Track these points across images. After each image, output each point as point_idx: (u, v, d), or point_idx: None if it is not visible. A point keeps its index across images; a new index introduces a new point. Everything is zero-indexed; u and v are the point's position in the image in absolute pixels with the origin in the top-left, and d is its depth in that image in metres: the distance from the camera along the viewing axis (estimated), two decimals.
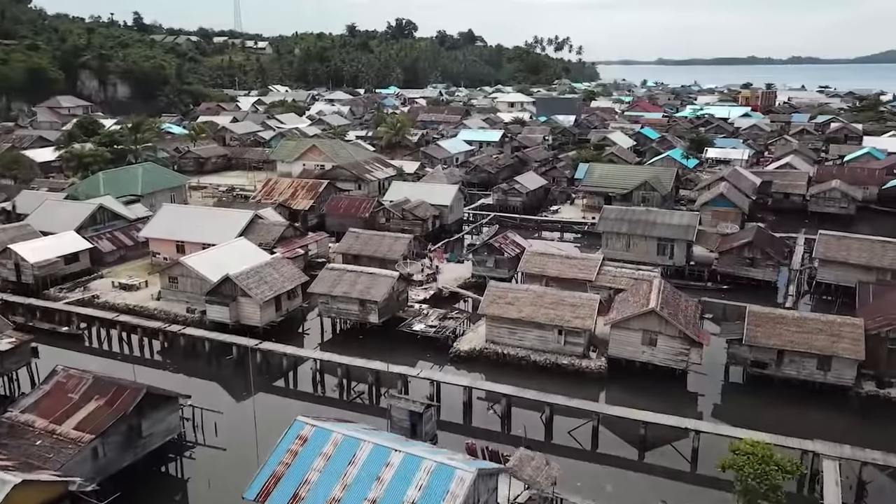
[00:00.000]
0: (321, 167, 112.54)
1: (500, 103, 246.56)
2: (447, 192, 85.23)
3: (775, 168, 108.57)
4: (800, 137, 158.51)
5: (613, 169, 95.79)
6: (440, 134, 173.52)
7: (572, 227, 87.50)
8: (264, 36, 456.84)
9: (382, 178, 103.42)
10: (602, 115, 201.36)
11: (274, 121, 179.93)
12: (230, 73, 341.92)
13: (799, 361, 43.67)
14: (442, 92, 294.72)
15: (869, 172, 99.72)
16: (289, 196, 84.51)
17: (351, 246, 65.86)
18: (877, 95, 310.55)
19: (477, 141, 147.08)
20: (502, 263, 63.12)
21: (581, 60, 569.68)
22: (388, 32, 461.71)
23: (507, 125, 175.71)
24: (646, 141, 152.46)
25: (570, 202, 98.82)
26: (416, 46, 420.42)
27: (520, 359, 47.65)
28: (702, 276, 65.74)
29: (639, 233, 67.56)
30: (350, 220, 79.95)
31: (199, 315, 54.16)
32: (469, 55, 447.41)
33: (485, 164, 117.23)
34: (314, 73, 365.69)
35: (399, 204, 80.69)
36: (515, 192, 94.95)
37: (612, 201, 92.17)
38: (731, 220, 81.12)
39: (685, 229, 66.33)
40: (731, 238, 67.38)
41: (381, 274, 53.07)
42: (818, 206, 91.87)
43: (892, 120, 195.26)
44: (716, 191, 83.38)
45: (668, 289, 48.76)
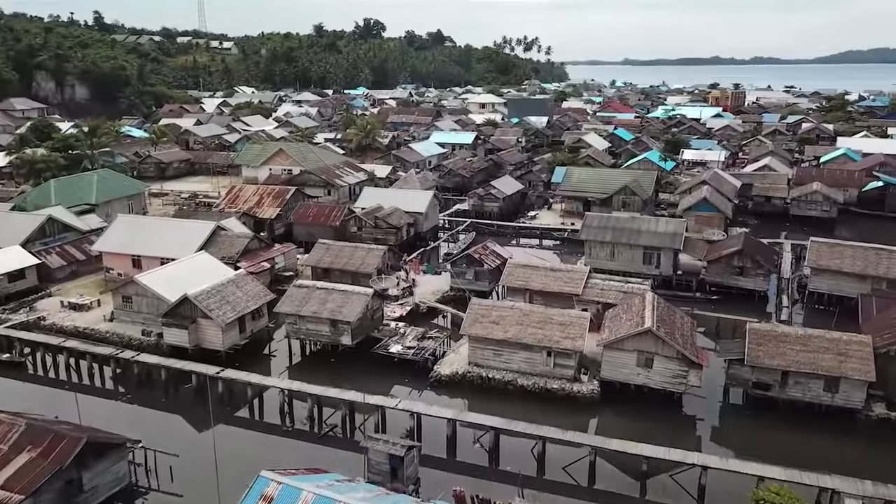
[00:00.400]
0: (288, 172, 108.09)
1: (472, 104, 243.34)
2: (422, 199, 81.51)
3: (753, 170, 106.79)
4: (772, 138, 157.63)
5: (592, 173, 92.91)
6: (411, 136, 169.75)
7: (551, 233, 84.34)
8: (230, 36, 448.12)
9: (353, 184, 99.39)
10: (574, 116, 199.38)
11: (239, 123, 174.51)
12: (194, 74, 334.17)
13: (805, 383, 40.82)
14: (412, 93, 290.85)
15: (848, 174, 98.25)
16: (254, 204, 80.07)
17: (321, 259, 61.79)
18: (842, 95, 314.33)
19: (449, 143, 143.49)
20: (482, 276, 59.60)
21: (550, 61, 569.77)
22: (356, 32, 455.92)
23: (480, 127, 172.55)
24: (620, 142, 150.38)
25: (548, 207, 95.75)
26: (384, 47, 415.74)
27: (506, 383, 44.14)
28: (690, 285, 62.92)
29: (623, 241, 64.55)
30: (319, 228, 75.86)
31: (156, 338, 49.77)
32: (438, 55, 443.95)
33: (459, 167, 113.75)
34: (281, 73, 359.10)
35: (371, 211, 76.79)
36: (492, 197, 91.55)
37: (591, 206, 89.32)
38: (715, 226, 78.75)
39: (672, 237, 63.47)
40: (719, 246, 64.70)
41: (354, 291, 49.16)
42: (799, 210, 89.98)
43: (860, 120, 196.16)
44: (698, 195, 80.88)
45: (662, 304, 45.64)
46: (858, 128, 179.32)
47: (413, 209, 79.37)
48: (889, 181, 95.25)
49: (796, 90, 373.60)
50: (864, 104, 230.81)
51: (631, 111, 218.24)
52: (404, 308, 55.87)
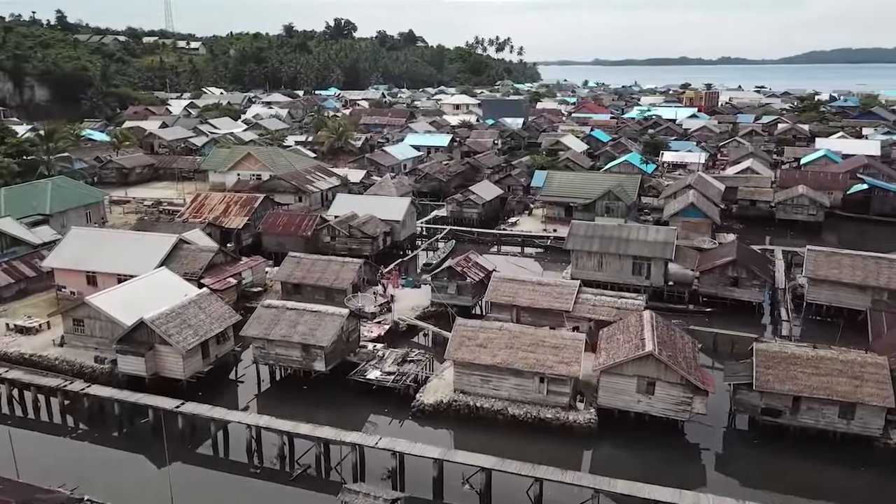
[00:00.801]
0: (257, 177, 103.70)
1: (445, 105, 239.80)
2: (398, 206, 77.70)
3: (736, 173, 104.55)
4: (749, 139, 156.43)
5: (574, 177, 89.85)
6: (385, 138, 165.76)
7: (534, 241, 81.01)
8: (197, 36, 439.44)
9: (325, 190, 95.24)
10: (550, 118, 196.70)
11: (207, 126, 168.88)
12: (161, 75, 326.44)
13: (818, 409, 37.84)
14: (385, 94, 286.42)
15: (832, 177, 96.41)
16: (220, 213, 75.60)
17: (291, 273, 57.70)
18: (812, 95, 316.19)
19: (425, 146, 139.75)
20: (465, 290, 56.01)
21: (522, 61, 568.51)
22: (327, 33, 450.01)
23: (455, 129, 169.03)
24: (597, 144, 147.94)
25: (529, 212, 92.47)
26: (355, 47, 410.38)
27: (495, 412, 40.54)
28: (682, 297, 59.95)
29: (612, 251, 61.38)
30: (290, 239, 71.75)
31: (110, 366, 45.40)
32: (410, 56, 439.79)
33: (435, 171, 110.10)
34: (250, 74, 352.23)
35: (345, 220, 72.81)
36: (471, 203, 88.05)
37: (573, 212, 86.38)
38: (703, 232, 76.06)
39: (662, 246, 60.42)
40: (712, 255, 61.83)
41: (328, 312, 45.21)
42: (785, 214, 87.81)
43: (833, 120, 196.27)
44: (685, 200, 78.15)
45: (661, 323, 42.43)
46: (833, 128, 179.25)
47: (389, 217, 75.54)
48: (874, 184, 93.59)
49: (767, 90, 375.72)
50: (836, 104, 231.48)
51: (606, 112, 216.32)
52: (382, 327, 52.07)
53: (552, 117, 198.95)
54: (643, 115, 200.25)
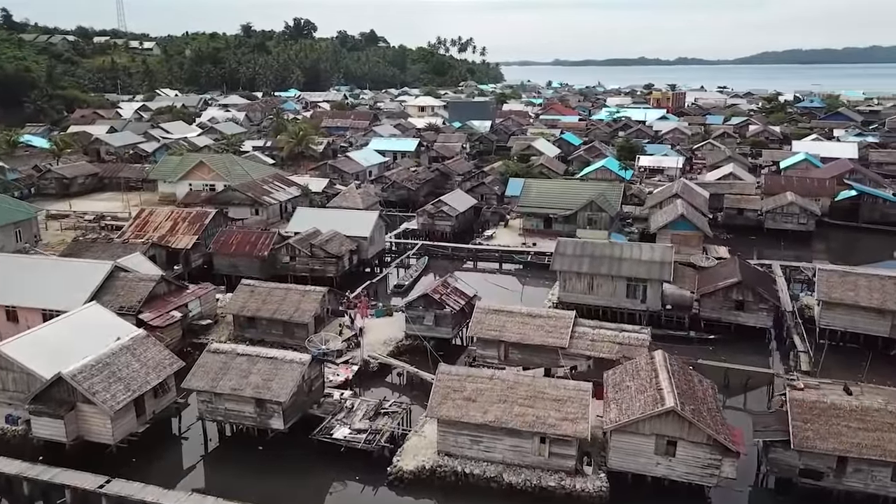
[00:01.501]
0: (211, 188, 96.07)
1: (410, 107, 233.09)
2: (365, 220, 70.87)
3: (718, 179, 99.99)
4: (721, 141, 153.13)
5: (552, 186, 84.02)
6: (348, 142, 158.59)
7: (512, 256, 74.88)
8: (151, 36, 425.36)
9: (285, 201, 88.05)
10: (517, 120, 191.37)
11: (159, 130, 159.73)
12: (113, 76, 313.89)
13: (867, 471, 32.32)
14: (347, 95, 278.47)
15: (819, 183, 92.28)
16: (167, 231, 67.95)
17: (245, 305, 50.60)
18: (776, 95, 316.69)
19: (390, 151, 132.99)
20: (444, 320, 49.62)
21: (485, 61, 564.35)
22: (287, 33, 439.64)
23: (421, 132, 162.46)
24: (569, 147, 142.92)
25: (505, 224, 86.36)
26: (316, 47, 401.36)
27: (488, 479, 34.19)
28: (682, 322, 54.43)
29: (604, 272, 55.54)
30: (244, 260, 64.55)
31: (23, 427, 37.97)
32: (372, 56, 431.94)
33: (403, 179, 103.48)
34: (207, 75, 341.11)
35: (306, 238, 65.81)
36: (443, 215, 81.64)
37: (552, 223, 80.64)
38: (694, 246, 70.86)
39: (659, 267, 54.77)
40: (712, 275, 56.36)
41: (286, 360, 38.33)
42: (775, 223, 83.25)
43: (801, 121, 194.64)
44: (673, 211, 72.82)
45: (674, 365, 36.58)
46: (802, 129, 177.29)
47: (356, 233, 68.73)
48: (863, 190, 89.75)
49: (729, 90, 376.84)
50: (803, 105, 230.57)
51: (574, 113, 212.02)
52: (350, 368, 45.36)
53: (520, 119, 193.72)
54: (612, 117, 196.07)
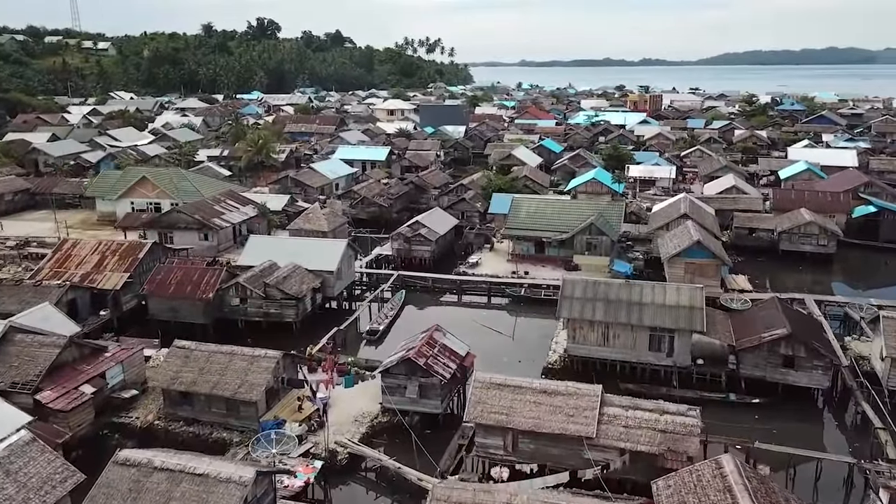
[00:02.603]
0: (156, 207, 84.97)
1: (379, 111, 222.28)
2: (332, 250, 60.27)
3: (719, 192, 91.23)
4: (708, 146, 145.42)
5: (544, 205, 74.25)
6: (313, 149, 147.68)
7: (503, 288, 64.89)
8: (108, 36, 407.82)
9: (239, 223, 77.17)
10: (492, 124, 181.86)
11: (106, 137, 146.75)
12: (65, 78, 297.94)
13: None
14: (312, 98, 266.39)
15: (833, 197, 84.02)
16: (93, 267, 56.70)
17: (177, 375, 39.73)
18: (750, 97, 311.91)
19: (359, 160, 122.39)
20: (431, 391, 39.48)
21: (454, 62, 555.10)
22: (249, 33, 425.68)
23: (392, 138, 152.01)
24: (549, 155, 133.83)
25: (490, 247, 76.38)
26: (280, 48, 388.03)
27: None
28: (717, 381, 45.04)
29: (622, 320, 45.89)
30: (186, 303, 53.72)
31: None
32: (338, 57, 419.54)
33: (374, 194, 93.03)
34: (165, 77, 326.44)
35: (260, 274, 55.15)
36: (421, 239, 71.45)
37: (545, 247, 70.98)
38: (710, 276, 61.68)
39: (688, 314, 45.29)
40: (750, 321, 47.01)
41: (221, 478, 27.70)
42: (791, 244, 74.60)
43: (785, 125, 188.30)
44: (686, 235, 63.50)
45: (754, 479, 26.94)
46: (787, 133, 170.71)
47: (320, 266, 58.21)
48: (883, 206, 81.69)
49: (702, 92, 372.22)
50: (783, 108, 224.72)
51: (550, 117, 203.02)
52: (311, 466, 34.84)
53: (495, 124, 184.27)
54: (590, 121, 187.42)
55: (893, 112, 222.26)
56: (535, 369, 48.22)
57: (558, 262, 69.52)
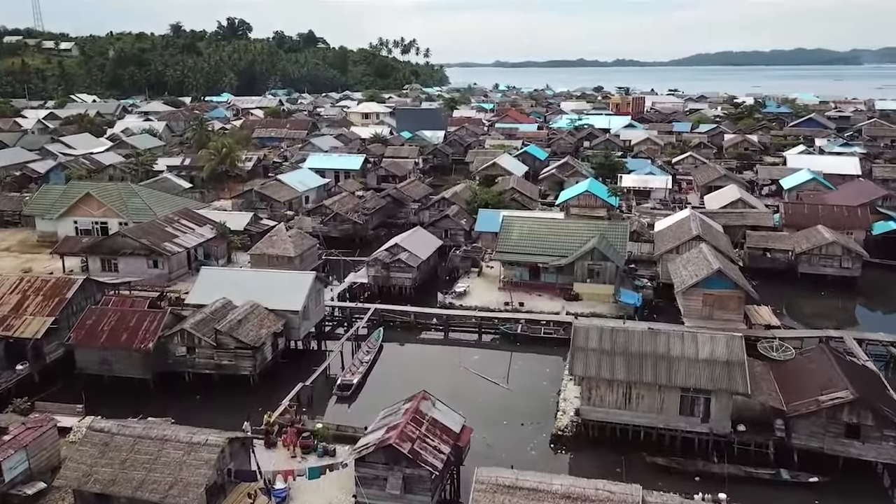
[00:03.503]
0: (102, 227, 76.00)
1: (353, 114, 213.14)
2: (297, 285, 51.51)
3: (724, 206, 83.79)
4: (698, 152, 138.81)
5: (538, 225, 66.10)
6: (283, 156, 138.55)
7: (495, 324, 56.63)
8: (72, 36, 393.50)
9: (195, 246, 68.21)
10: (472, 129, 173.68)
11: (59, 144, 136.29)
12: (24, 80, 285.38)
13: None
14: (283, 101, 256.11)
15: (850, 212, 77.05)
16: (10, 310, 47.53)
17: (93, 470, 30.75)
18: (731, 98, 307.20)
19: (331, 169, 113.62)
20: (418, 485, 31.10)
21: (429, 63, 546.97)
22: (220, 33, 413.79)
23: (367, 145, 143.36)
24: (535, 162, 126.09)
25: (479, 272, 68.17)
26: (251, 48, 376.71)
27: None
28: (763, 452, 37.23)
29: (647, 379, 37.94)
30: (121, 354, 44.86)
31: None
32: (311, 58, 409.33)
33: (347, 209, 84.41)
34: (130, 78, 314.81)
35: (211, 318, 46.42)
36: (401, 265, 63.01)
37: (541, 273, 62.98)
38: (732, 309, 54.23)
39: (726, 370, 37.44)
40: (797, 374, 39.25)
41: None
42: (811, 267, 67.36)
43: (773, 128, 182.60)
44: (703, 263, 55.76)
45: None
46: (777, 137, 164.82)
47: (284, 305, 49.60)
48: None
49: (681, 93, 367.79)
50: (771, 110, 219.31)
51: (532, 121, 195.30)
52: None
53: (474, 128, 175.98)
54: (573, 125, 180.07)
55: (878, 114, 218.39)
56: (541, 435, 40.22)
57: (556, 290, 61.61)
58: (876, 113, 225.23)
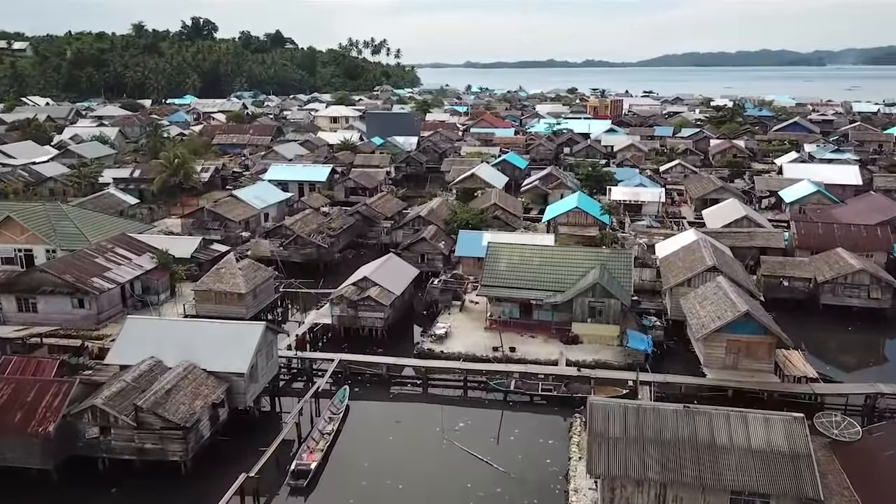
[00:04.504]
0: (26, 254, 65.79)
1: (321, 118, 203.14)
2: (244, 341, 41.98)
3: (728, 224, 75.89)
4: (683, 158, 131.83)
5: (529, 254, 57.40)
6: (244, 165, 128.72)
7: (484, 377, 47.81)
8: (27, 35, 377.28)
9: (130, 280, 58.52)
10: (447, 134, 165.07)
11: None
12: None
13: None
14: (246, 105, 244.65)
15: (869, 232, 69.73)
16: None
17: None
18: (708, 100, 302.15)
19: (295, 181, 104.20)
20: None
21: (400, 64, 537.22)
22: (184, 33, 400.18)
23: (335, 153, 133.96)
24: (514, 171, 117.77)
25: (461, 306, 59.42)
26: (216, 48, 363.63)
27: None
28: None
29: (688, 479, 29.50)
30: (15, 438, 35.30)
31: None
32: (279, 58, 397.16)
33: (310, 230, 75.07)
34: (88, 80, 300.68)
35: (132, 390, 37.01)
36: (371, 304, 54.00)
37: (533, 310, 54.49)
38: (761, 357, 46.23)
39: (790, 467, 29.14)
40: (874, 464, 31.11)
41: None
42: (835, 298, 59.77)
43: (757, 132, 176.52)
44: (724, 301, 47.66)
45: None
46: (762, 142, 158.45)
47: (226, 365, 40.29)
48: None
49: (656, 94, 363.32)
50: (752, 113, 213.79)
51: (508, 125, 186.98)
52: None
53: (449, 133, 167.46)
54: (552, 130, 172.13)
55: (859, 117, 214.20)
56: None
57: (552, 330, 53.18)
58: (856, 116, 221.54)
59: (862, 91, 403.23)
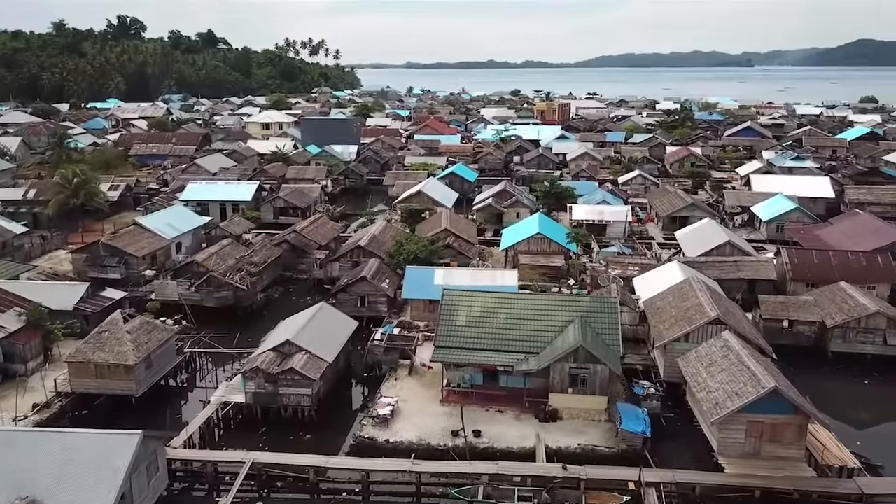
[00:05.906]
0: None
1: (253, 124, 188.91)
2: (108, 462, 30.19)
3: (708, 253, 66.79)
4: (640, 167, 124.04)
5: (494, 303, 46.64)
6: (163, 179, 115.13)
7: (447, 491, 36.97)
8: None
9: None
10: (389, 142, 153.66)
11: None
12: None
13: None
14: (172, 110, 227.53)
15: (868, 260, 61.58)
16: None
17: None
18: (654, 103, 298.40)
19: (216, 201, 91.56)
20: None
21: (339, 65, 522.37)
22: (109, 32, 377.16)
23: (264, 164, 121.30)
24: (463, 185, 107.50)
25: (410, 370, 48.44)
26: (142, 49, 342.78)
27: None
28: None
29: None
30: None
31: None
32: (210, 59, 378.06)
33: (227, 267, 62.96)
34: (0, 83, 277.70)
35: None
36: (295, 378, 42.49)
37: (499, 378, 44.01)
38: (789, 443, 36.77)
39: None
40: None
41: None
42: (846, 344, 51.21)
43: (710, 137, 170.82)
44: (743, 373, 38.01)
45: None
46: (717, 148, 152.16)
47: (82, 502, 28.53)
48: None
49: (599, 96, 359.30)
50: (702, 117, 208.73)
51: (454, 131, 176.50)
52: None
53: (391, 141, 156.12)
54: (500, 136, 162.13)
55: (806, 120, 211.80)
56: None
57: (523, 403, 42.80)
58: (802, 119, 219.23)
59: (793, 92, 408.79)
